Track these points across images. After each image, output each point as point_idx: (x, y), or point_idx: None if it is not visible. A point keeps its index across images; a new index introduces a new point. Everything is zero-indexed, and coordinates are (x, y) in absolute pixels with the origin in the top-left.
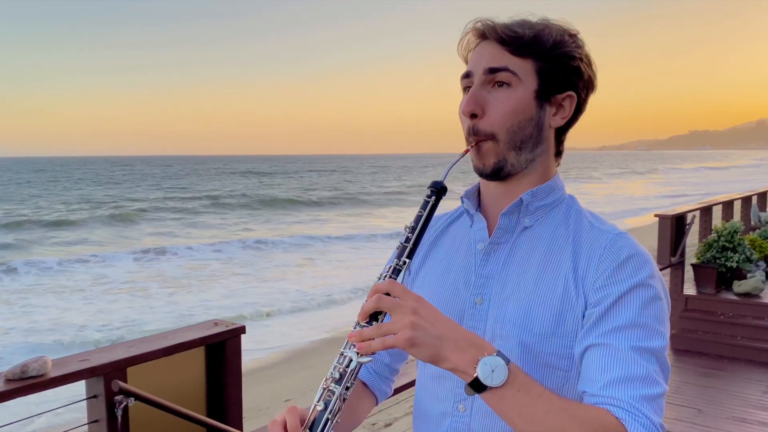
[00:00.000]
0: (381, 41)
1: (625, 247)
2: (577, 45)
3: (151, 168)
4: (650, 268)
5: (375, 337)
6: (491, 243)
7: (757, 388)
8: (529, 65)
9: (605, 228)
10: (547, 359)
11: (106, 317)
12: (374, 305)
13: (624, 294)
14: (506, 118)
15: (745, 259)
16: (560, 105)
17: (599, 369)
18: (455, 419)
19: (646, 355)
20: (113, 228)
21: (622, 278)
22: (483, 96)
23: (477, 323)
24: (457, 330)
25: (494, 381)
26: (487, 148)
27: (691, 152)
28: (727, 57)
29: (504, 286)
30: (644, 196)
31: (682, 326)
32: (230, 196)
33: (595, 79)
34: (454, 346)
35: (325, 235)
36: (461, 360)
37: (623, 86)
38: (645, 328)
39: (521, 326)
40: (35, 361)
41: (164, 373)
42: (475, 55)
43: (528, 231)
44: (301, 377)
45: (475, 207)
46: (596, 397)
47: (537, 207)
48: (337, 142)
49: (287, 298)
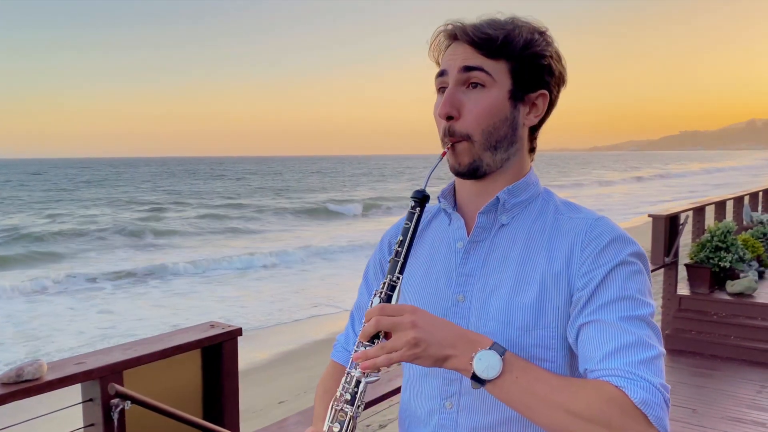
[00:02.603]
0: (379, 38)
1: (606, 232)
2: (547, 42)
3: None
4: (631, 247)
5: (379, 355)
6: (470, 241)
7: (751, 387)
8: (502, 66)
9: (582, 215)
10: (531, 351)
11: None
12: (374, 327)
13: (608, 273)
14: (481, 120)
15: (738, 258)
16: (533, 104)
17: (593, 345)
18: (443, 416)
19: (635, 322)
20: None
21: (605, 261)
22: (458, 98)
23: (460, 321)
24: (454, 330)
25: (490, 373)
26: (463, 149)
27: (683, 153)
28: (718, 58)
29: (485, 283)
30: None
31: (675, 326)
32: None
33: (565, 74)
34: (453, 348)
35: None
36: (460, 359)
37: (614, 87)
38: (630, 299)
39: (503, 321)
40: (31, 364)
41: (161, 376)
42: (448, 55)
43: (505, 228)
44: (295, 379)
45: (452, 206)
46: (595, 371)
47: (513, 204)
48: (323, 142)
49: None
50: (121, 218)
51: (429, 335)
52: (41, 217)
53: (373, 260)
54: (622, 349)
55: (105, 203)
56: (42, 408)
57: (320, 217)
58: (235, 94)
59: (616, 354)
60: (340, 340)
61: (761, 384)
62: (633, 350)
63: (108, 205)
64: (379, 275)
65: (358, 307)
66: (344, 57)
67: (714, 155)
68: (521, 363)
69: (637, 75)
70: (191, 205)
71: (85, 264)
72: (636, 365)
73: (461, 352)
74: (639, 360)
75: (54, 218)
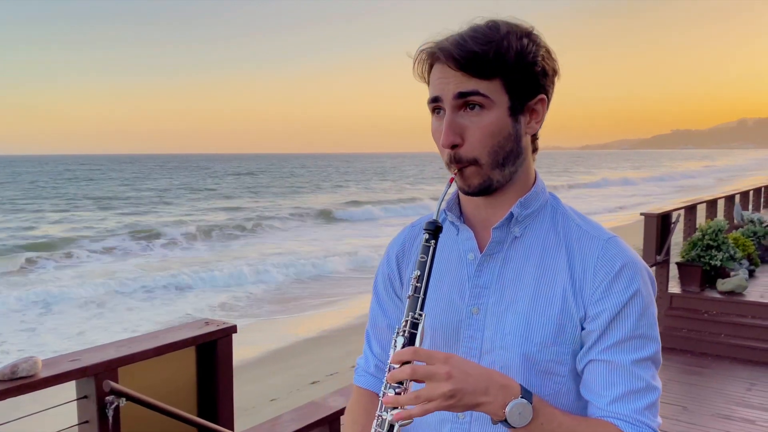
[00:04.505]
0: (375, 40)
1: (618, 256)
2: (537, 45)
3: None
4: (642, 274)
5: (413, 404)
6: (485, 255)
7: (741, 385)
8: (497, 85)
9: (594, 233)
10: (547, 366)
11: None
12: (408, 376)
13: (622, 308)
14: (486, 142)
15: (728, 257)
16: (533, 111)
17: (604, 385)
18: (455, 425)
19: (644, 363)
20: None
21: (618, 290)
22: (459, 124)
23: (474, 333)
24: (485, 376)
25: (521, 422)
26: (471, 172)
27: (675, 151)
28: (709, 57)
29: (501, 296)
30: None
31: (666, 324)
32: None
33: (558, 68)
34: (485, 395)
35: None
36: (493, 406)
37: (606, 85)
38: (642, 338)
39: (522, 337)
40: (25, 361)
41: (155, 373)
42: (438, 79)
43: (519, 240)
44: (287, 377)
45: (458, 217)
46: (603, 411)
47: (525, 216)
48: (325, 140)
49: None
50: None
51: (464, 385)
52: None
53: (381, 275)
54: (631, 395)
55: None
56: (36, 405)
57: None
58: (225, 92)
59: (624, 399)
60: (360, 363)
61: (751, 381)
62: (639, 396)
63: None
64: (390, 292)
65: (374, 325)
66: (343, 57)
67: (709, 154)
68: (547, 409)
69: (629, 74)
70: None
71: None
72: (641, 412)
73: (494, 399)
74: (643, 406)
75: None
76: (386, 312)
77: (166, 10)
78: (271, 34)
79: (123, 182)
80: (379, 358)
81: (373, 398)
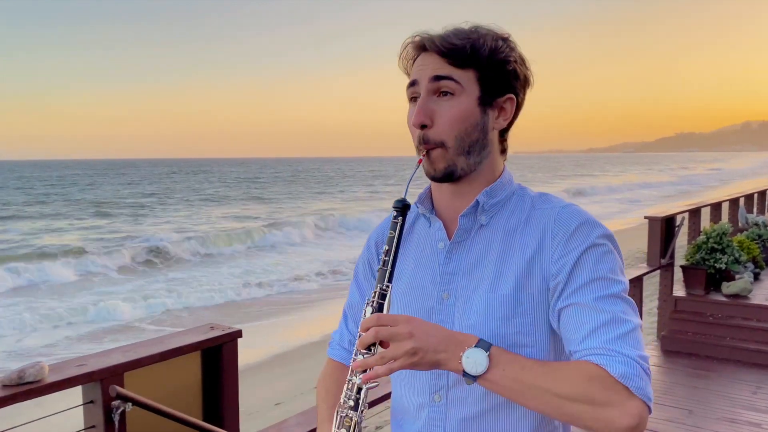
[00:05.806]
0: (357, 39)
1: (573, 217)
2: (510, 48)
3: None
4: (599, 229)
5: (379, 365)
6: (453, 243)
7: (747, 388)
8: (470, 75)
9: (551, 204)
10: (514, 339)
11: None
12: (373, 338)
13: (579, 257)
14: (453, 126)
15: (733, 260)
16: (502, 108)
17: (573, 328)
18: (432, 409)
19: (609, 300)
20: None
21: (575, 245)
22: (430, 107)
23: (445, 317)
24: (444, 334)
25: (478, 369)
26: (437, 155)
27: (679, 154)
28: (713, 60)
29: (469, 281)
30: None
31: (671, 327)
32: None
33: (530, 77)
34: (445, 351)
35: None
36: (451, 360)
37: (611, 88)
38: (603, 280)
39: (485, 314)
40: (32, 366)
41: (161, 378)
42: (418, 65)
43: (485, 228)
44: (291, 381)
45: (430, 209)
46: (577, 352)
47: (492, 204)
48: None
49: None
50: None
51: (425, 343)
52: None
53: (361, 260)
54: (599, 328)
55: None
56: (42, 410)
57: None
58: (220, 95)
59: (593, 334)
60: (335, 337)
61: (756, 385)
62: (609, 328)
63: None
64: (368, 274)
65: (350, 305)
66: (341, 57)
67: (713, 156)
68: (507, 356)
69: (633, 76)
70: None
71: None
72: (613, 341)
73: (452, 353)
74: (615, 336)
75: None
76: (363, 293)
77: (166, 11)
78: (271, 35)
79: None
80: (353, 334)
81: (345, 370)
